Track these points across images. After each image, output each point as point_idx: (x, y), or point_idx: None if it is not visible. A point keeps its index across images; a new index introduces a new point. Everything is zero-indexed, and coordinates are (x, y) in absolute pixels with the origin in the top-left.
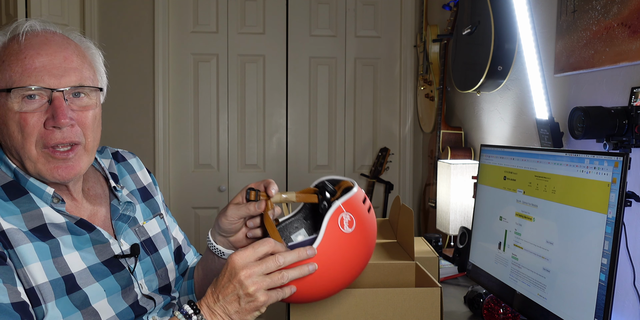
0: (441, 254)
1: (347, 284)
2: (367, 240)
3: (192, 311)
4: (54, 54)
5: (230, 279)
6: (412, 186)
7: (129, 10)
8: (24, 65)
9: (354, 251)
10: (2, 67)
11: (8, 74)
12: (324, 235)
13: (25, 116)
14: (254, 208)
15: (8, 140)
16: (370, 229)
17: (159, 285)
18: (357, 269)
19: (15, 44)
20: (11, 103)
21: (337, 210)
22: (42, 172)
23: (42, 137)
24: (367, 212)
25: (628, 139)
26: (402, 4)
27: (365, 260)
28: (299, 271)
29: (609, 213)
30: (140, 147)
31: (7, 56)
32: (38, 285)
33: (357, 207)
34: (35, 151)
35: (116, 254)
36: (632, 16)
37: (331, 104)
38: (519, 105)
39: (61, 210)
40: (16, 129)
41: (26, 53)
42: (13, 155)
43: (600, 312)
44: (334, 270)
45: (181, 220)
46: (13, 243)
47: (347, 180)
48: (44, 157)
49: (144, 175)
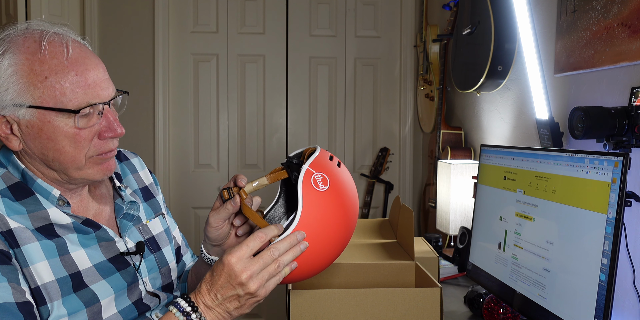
0: (441, 254)
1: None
2: (347, 193)
3: (191, 309)
4: (96, 66)
5: (230, 280)
6: (412, 186)
7: (129, 10)
8: (76, 82)
9: (338, 207)
10: (47, 84)
11: (58, 92)
12: (303, 200)
13: (81, 132)
14: (231, 205)
15: (51, 154)
16: (347, 181)
17: (162, 283)
18: (347, 226)
19: (53, 57)
20: (65, 120)
21: (306, 173)
22: (89, 175)
23: (95, 147)
24: (338, 167)
25: (628, 139)
26: (402, 4)
27: (351, 214)
28: (292, 254)
29: (609, 213)
30: (140, 147)
31: (51, 72)
32: (44, 284)
33: (325, 165)
34: (85, 160)
35: (121, 252)
36: (632, 16)
37: (331, 104)
38: (519, 105)
39: (67, 212)
40: (68, 144)
41: (75, 69)
42: (47, 164)
43: (600, 312)
44: (325, 232)
45: (181, 220)
46: (20, 242)
47: (309, 147)
48: (92, 163)
49: (145, 175)
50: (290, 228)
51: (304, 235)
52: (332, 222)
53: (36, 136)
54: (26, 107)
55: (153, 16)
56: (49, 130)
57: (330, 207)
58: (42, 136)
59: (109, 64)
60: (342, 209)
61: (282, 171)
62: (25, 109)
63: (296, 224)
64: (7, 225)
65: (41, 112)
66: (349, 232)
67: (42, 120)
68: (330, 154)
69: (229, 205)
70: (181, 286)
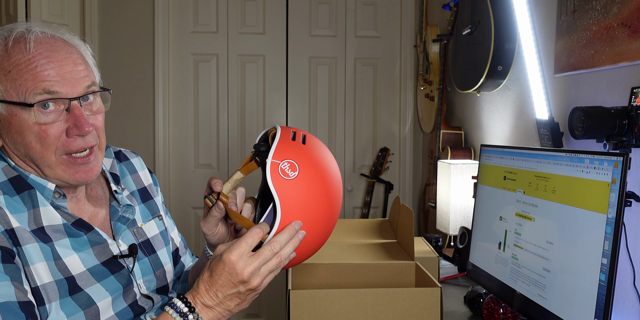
0: (441, 254)
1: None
2: (319, 168)
3: (187, 309)
4: (64, 60)
5: (231, 279)
6: (412, 186)
7: (129, 10)
8: (35, 74)
9: (315, 188)
10: (9, 78)
11: (18, 85)
12: (277, 193)
13: (46, 128)
14: (217, 212)
15: (22, 149)
16: (315, 157)
17: (157, 286)
18: (331, 200)
19: (19, 52)
20: (26, 114)
21: (272, 166)
22: (63, 177)
23: (63, 145)
24: (303, 143)
25: (628, 139)
26: (402, 4)
27: (332, 187)
28: (292, 245)
29: (609, 213)
30: (140, 147)
31: (13, 66)
32: (44, 285)
33: (290, 149)
34: (55, 158)
35: (115, 255)
36: (632, 16)
37: (331, 104)
38: (519, 105)
39: (62, 207)
40: (34, 139)
41: (36, 62)
42: (24, 160)
43: (600, 312)
44: (312, 215)
45: (181, 220)
46: (21, 241)
47: (272, 128)
48: (64, 164)
49: (145, 176)
50: (275, 224)
51: (301, 224)
52: (315, 204)
53: (8, 130)
54: None
55: (153, 16)
56: (17, 124)
57: (308, 191)
58: (12, 130)
59: (109, 64)
60: (320, 187)
61: (252, 163)
62: None
63: (280, 218)
64: (9, 224)
65: (8, 106)
66: (336, 207)
67: (10, 113)
68: (293, 129)
69: (215, 212)
70: (181, 287)
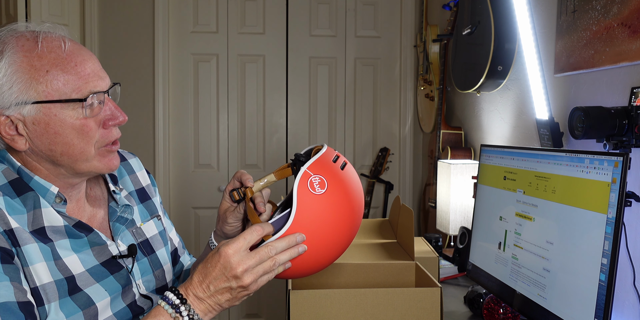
0: (441, 254)
1: (339, 247)
2: (346, 197)
3: (179, 301)
4: (92, 57)
5: (224, 272)
6: (412, 186)
7: (129, 10)
8: (78, 72)
9: (334, 211)
10: (49, 78)
11: (62, 84)
12: (298, 203)
13: (89, 122)
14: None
15: (59, 149)
16: (348, 184)
17: (156, 286)
18: (345, 229)
19: (51, 51)
20: (70, 111)
21: (303, 175)
22: (98, 167)
23: (102, 137)
24: (341, 169)
25: (628, 139)
26: (402, 4)
27: (350, 218)
28: (289, 254)
29: (609, 213)
30: (140, 147)
31: (51, 66)
32: (43, 285)
33: (326, 167)
34: (94, 151)
35: (114, 255)
36: (632, 16)
37: (331, 104)
38: (519, 105)
39: (61, 211)
40: (75, 136)
41: (74, 60)
42: (40, 162)
43: (600, 312)
44: (320, 235)
45: (181, 220)
46: (20, 242)
47: (319, 145)
48: (100, 155)
49: (143, 176)
50: (282, 229)
51: (304, 237)
52: (328, 226)
53: (43, 132)
54: (31, 103)
55: (153, 16)
56: (55, 125)
57: (326, 211)
58: (49, 131)
59: (109, 64)
60: (340, 213)
61: (287, 169)
62: (30, 106)
63: (289, 226)
64: (8, 225)
65: (46, 106)
66: (349, 236)
67: (48, 114)
68: (338, 153)
69: (241, 207)
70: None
